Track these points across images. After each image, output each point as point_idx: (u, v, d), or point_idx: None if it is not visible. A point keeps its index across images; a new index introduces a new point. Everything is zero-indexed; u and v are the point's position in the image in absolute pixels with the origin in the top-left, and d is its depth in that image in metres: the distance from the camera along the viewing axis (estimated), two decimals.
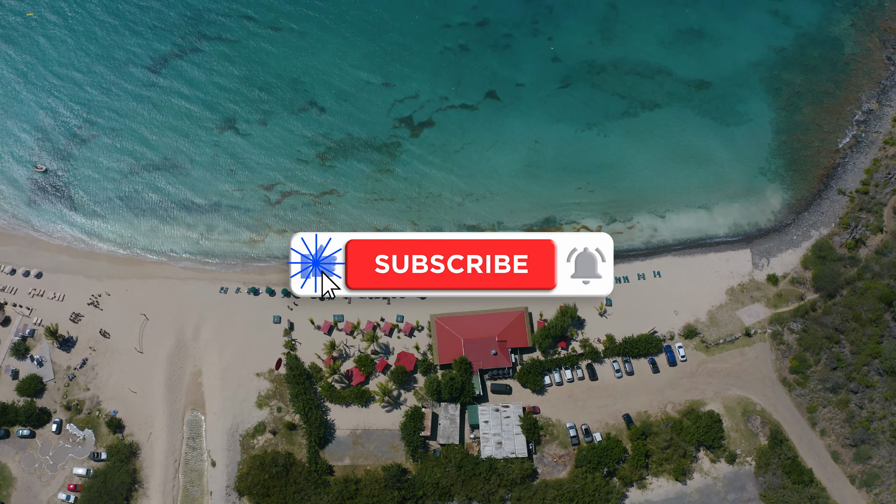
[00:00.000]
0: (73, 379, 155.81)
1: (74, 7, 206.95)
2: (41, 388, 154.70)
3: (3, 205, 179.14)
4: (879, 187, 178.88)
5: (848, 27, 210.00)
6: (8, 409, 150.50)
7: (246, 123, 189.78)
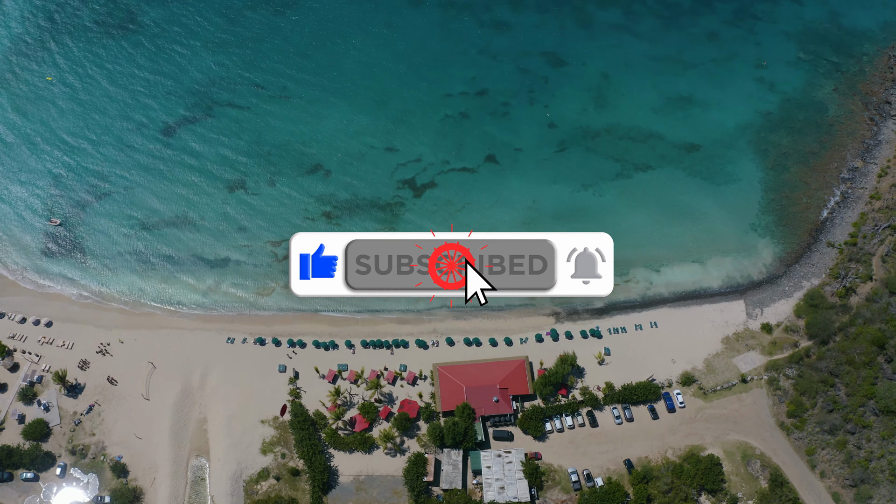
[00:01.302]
0: (79, 424, 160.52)
1: (92, 72, 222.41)
2: (47, 432, 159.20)
3: (17, 256, 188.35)
4: (867, 239, 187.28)
5: (831, 91, 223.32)
6: (13, 453, 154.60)
7: (255, 183, 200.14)
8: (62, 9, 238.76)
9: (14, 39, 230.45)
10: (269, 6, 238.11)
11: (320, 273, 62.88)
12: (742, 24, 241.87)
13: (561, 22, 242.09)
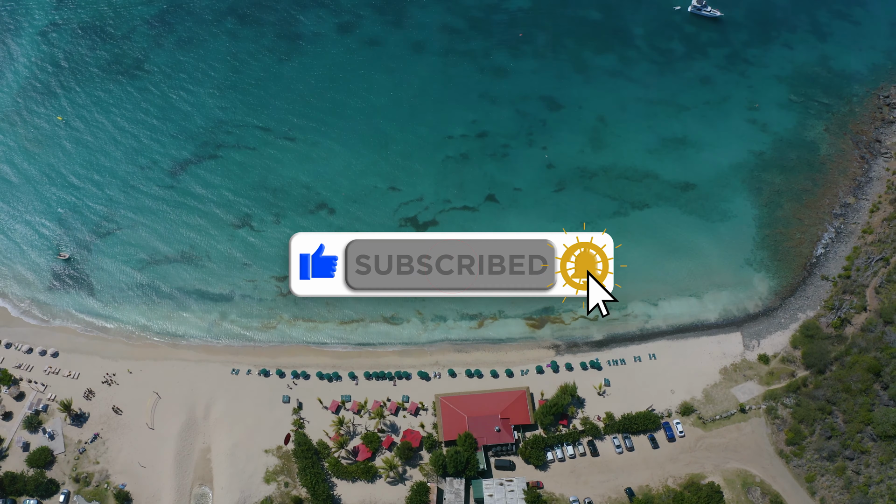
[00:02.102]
0: (83, 452, 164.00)
1: (99, 116, 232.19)
2: (51, 460, 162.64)
3: (25, 288, 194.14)
4: (860, 271, 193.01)
5: (822, 131, 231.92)
6: (17, 479, 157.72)
7: (260, 222, 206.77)
8: (70, 55, 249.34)
9: (23, 83, 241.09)
10: (274, 54, 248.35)
11: (320, 273, 63.42)
12: (734, 69, 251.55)
13: (558, 68, 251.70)
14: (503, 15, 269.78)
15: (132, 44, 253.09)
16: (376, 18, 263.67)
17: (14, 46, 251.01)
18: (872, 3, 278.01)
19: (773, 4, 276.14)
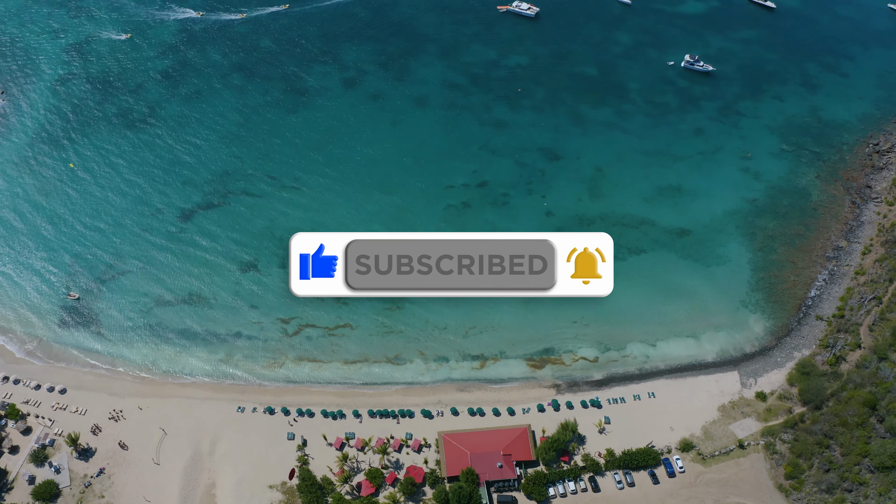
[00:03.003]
0: (88, 486, 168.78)
1: (110, 162, 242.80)
2: (56, 493, 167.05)
3: (35, 325, 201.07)
4: (854, 311, 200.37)
5: (813, 178, 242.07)
6: None
7: (266, 266, 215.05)
8: (81, 106, 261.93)
9: (34, 132, 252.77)
10: (283, 106, 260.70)
11: (320, 273, 61.98)
12: (727, 120, 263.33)
13: (556, 121, 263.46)
14: (502, 71, 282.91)
15: (141, 96, 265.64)
16: (380, 74, 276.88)
17: (26, 97, 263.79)
18: (860, 56, 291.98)
19: (764, 59, 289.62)
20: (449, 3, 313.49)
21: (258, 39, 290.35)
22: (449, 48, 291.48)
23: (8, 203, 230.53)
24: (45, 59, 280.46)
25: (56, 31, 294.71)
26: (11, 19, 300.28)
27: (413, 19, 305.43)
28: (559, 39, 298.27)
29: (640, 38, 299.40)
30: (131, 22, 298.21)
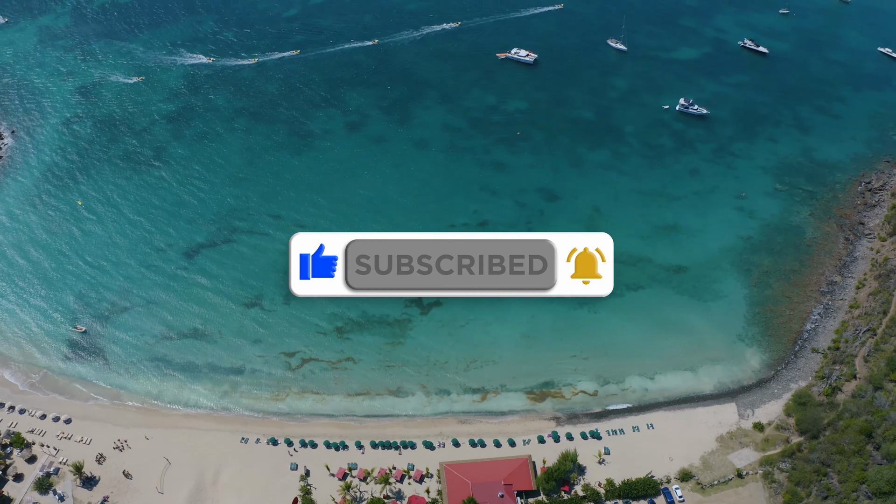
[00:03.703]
0: None
1: (120, 200, 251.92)
2: None
3: (41, 357, 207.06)
4: (849, 343, 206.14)
5: (807, 216, 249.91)
6: None
7: (271, 302, 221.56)
8: (90, 145, 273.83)
9: (44, 170, 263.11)
10: (287, 148, 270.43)
11: (320, 273, 62.21)
12: (721, 161, 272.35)
13: (554, 162, 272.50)
14: (502, 115, 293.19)
15: (148, 138, 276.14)
16: (383, 118, 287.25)
17: (35, 137, 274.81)
18: (852, 99, 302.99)
19: (757, 102, 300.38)
20: (449, 51, 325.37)
21: (264, 84, 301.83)
22: (450, 93, 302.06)
23: (16, 239, 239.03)
24: (54, 101, 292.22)
25: (65, 74, 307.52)
26: (22, 62, 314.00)
27: (415, 66, 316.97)
28: (557, 85, 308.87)
29: (635, 83, 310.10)
30: (140, 67, 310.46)
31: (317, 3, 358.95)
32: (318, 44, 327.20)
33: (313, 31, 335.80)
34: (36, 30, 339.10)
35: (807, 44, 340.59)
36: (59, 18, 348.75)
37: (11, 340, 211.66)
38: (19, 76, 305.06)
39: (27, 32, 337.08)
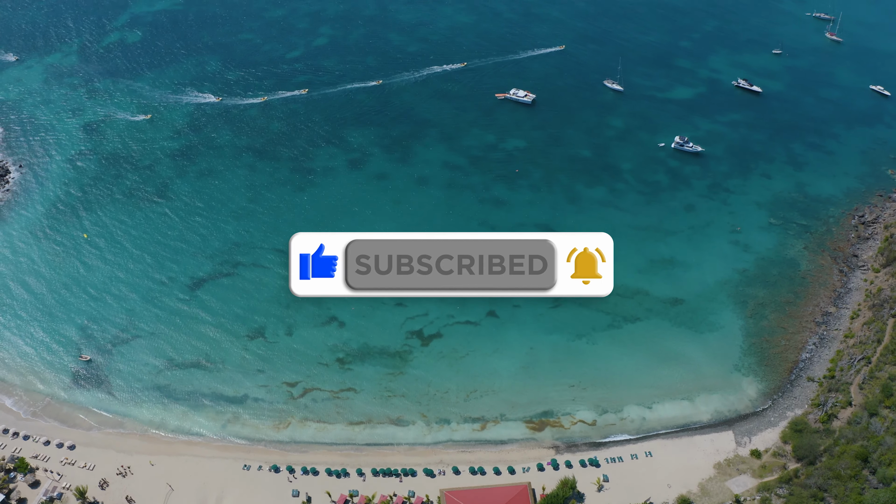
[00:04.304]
0: None
1: (124, 234, 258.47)
2: None
3: (46, 385, 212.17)
4: (844, 371, 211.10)
5: (801, 249, 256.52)
6: None
7: (273, 334, 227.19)
8: (96, 181, 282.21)
9: (50, 204, 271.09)
10: (289, 185, 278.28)
11: (320, 273, 61.49)
12: (716, 197, 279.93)
13: (552, 199, 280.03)
14: (501, 153, 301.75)
15: (155, 173, 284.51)
16: (384, 156, 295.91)
17: (43, 171, 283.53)
18: (844, 135, 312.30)
19: (751, 139, 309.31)
20: (450, 92, 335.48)
21: (268, 123, 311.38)
22: (450, 132, 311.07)
23: (22, 271, 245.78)
24: (61, 137, 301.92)
25: (71, 111, 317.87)
26: (30, 98, 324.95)
27: (415, 106, 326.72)
28: (555, 124, 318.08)
29: (631, 122, 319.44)
30: (145, 105, 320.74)
31: (319, 46, 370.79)
32: (322, 84, 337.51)
33: (317, 72, 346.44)
34: (43, 68, 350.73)
35: (800, 83, 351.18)
36: (67, 57, 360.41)
37: (16, 369, 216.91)
38: (27, 113, 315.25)
39: (35, 70, 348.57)
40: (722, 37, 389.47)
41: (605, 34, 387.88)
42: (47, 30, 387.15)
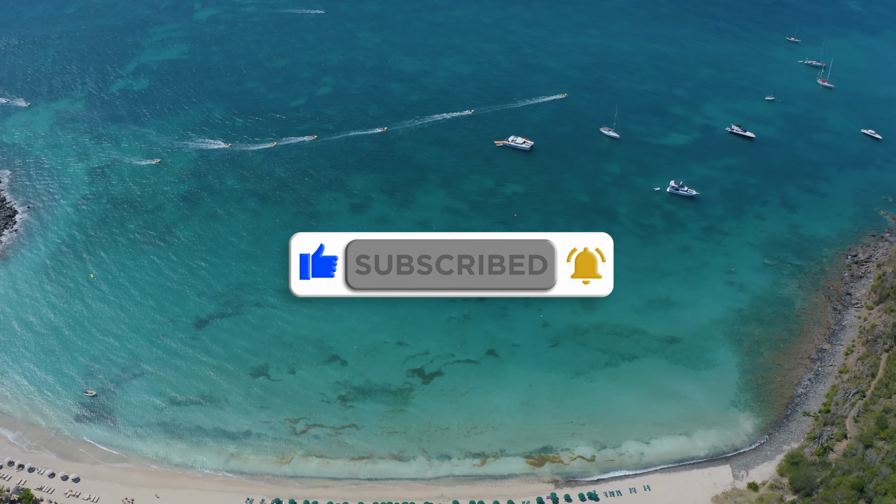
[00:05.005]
0: None
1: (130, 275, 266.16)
2: None
3: (52, 419, 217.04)
4: (839, 405, 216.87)
5: (796, 288, 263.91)
6: None
7: (276, 372, 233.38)
8: (101, 223, 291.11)
9: (59, 242, 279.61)
10: (294, 228, 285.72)
11: (320, 273, 62.49)
12: (711, 239, 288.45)
13: None
14: (500, 198, 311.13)
15: (161, 215, 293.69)
16: (385, 200, 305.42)
17: (51, 212, 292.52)
18: (837, 178, 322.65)
19: (745, 183, 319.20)
20: (450, 139, 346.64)
21: (272, 168, 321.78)
22: (450, 178, 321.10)
23: (29, 309, 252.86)
24: (69, 180, 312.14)
25: (79, 155, 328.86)
26: (38, 142, 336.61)
27: (416, 153, 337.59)
28: (553, 170, 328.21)
29: (627, 167, 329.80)
30: (152, 150, 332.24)
31: (323, 95, 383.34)
32: (325, 131, 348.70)
33: (320, 120, 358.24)
34: (52, 113, 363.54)
35: (792, 128, 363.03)
36: (75, 103, 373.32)
37: (22, 403, 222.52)
38: (35, 156, 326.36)
39: (44, 115, 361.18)
40: (716, 85, 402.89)
41: (601, 83, 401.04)
42: (56, 77, 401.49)
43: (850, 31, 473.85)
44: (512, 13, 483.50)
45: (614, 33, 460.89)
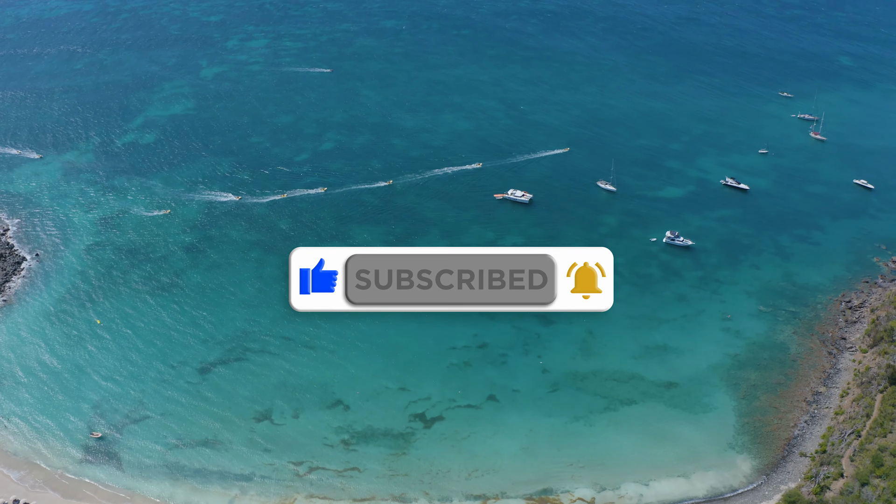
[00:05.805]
0: None
1: (135, 322, 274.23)
2: None
3: (57, 460, 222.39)
4: (835, 445, 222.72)
5: (791, 334, 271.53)
6: None
7: (280, 416, 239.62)
8: (108, 271, 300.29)
9: (66, 289, 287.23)
10: None
11: (320, 288, 63.66)
12: (707, 287, 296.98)
13: None
14: None
15: (167, 265, 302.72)
16: None
17: (58, 260, 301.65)
18: (830, 227, 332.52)
19: (740, 233, 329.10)
20: (450, 192, 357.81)
21: (276, 220, 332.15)
22: (450, 230, 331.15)
23: (34, 353, 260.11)
24: (76, 229, 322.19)
25: (87, 205, 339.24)
26: (46, 192, 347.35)
27: (417, 206, 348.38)
28: (551, 221, 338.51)
29: (624, 219, 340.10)
30: (159, 202, 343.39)
31: (327, 150, 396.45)
32: (330, 185, 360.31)
33: (324, 174, 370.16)
34: (60, 164, 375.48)
35: (786, 179, 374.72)
36: (84, 155, 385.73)
37: (27, 444, 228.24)
38: (44, 206, 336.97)
39: (52, 166, 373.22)
40: (710, 139, 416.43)
41: (597, 139, 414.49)
42: (64, 130, 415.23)
43: (842, 85, 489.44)
44: (510, 72, 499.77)
45: (610, 90, 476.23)
